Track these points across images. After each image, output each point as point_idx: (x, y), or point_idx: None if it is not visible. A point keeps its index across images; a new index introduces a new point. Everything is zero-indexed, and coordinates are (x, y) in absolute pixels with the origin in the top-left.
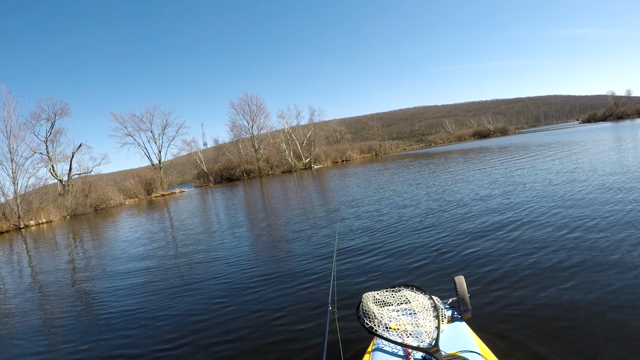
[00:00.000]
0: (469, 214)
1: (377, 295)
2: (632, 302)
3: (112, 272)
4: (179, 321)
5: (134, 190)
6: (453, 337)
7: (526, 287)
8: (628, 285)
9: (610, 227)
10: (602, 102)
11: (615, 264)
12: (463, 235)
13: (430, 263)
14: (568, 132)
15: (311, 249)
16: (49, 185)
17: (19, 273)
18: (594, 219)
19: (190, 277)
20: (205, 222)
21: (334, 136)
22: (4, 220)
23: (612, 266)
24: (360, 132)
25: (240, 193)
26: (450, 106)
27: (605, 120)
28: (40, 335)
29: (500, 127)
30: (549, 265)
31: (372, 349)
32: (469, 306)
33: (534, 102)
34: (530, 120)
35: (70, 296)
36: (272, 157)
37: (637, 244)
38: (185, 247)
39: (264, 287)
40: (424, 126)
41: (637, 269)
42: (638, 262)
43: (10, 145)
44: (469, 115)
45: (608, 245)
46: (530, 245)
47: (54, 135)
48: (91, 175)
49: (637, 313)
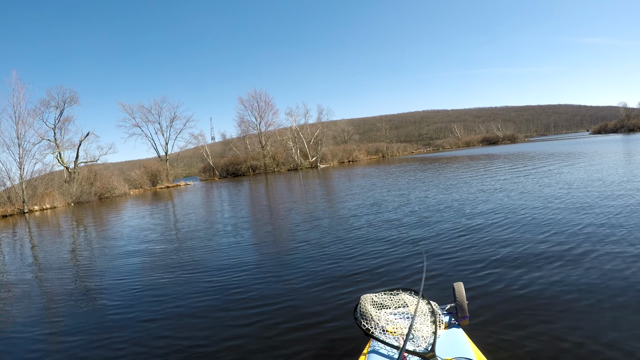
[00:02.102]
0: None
1: (375, 298)
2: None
3: (113, 258)
4: (173, 314)
5: (139, 180)
6: (449, 343)
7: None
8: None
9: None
10: (613, 113)
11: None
12: (465, 239)
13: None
14: (584, 142)
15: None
16: (54, 172)
17: (21, 257)
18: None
19: (184, 269)
20: (207, 218)
21: (341, 136)
22: (9, 204)
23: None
24: (368, 134)
25: (245, 189)
26: (459, 111)
27: (616, 132)
28: (41, 325)
29: (509, 134)
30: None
31: (368, 351)
32: (467, 313)
33: (544, 111)
34: (540, 129)
35: (71, 284)
36: (278, 154)
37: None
38: (183, 241)
39: (265, 286)
40: (432, 130)
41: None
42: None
43: (19, 131)
44: (478, 121)
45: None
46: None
47: (62, 123)
48: (97, 164)
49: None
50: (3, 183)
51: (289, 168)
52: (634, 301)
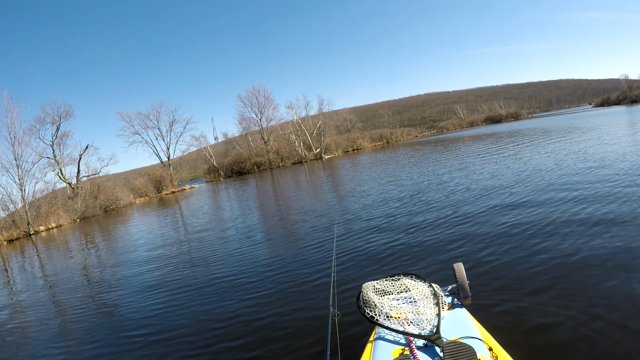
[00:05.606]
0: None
1: (377, 285)
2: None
3: (123, 273)
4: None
5: (143, 189)
6: (454, 324)
7: (531, 272)
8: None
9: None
10: (615, 85)
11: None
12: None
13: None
14: (594, 114)
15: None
16: (57, 190)
17: (32, 279)
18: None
19: (196, 279)
20: (216, 224)
21: (344, 125)
22: (14, 228)
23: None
24: (370, 120)
25: (252, 188)
26: (461, 92)
27: (618, 104)
28: (58, 343)
29: (512, 112)
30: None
31: (374, 338)
32: (469, 292)
33: (545, 87)
34: (543, 104)
35: (85, 301)
36: (282, 149)
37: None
38: (189, 248)
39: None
40: (435, 112)
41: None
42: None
43: (16, 152)
44: (480, 100)
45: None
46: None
47: (60, 139)
48: (100, 176)
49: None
50: (6, 207)
51: (293, 162)
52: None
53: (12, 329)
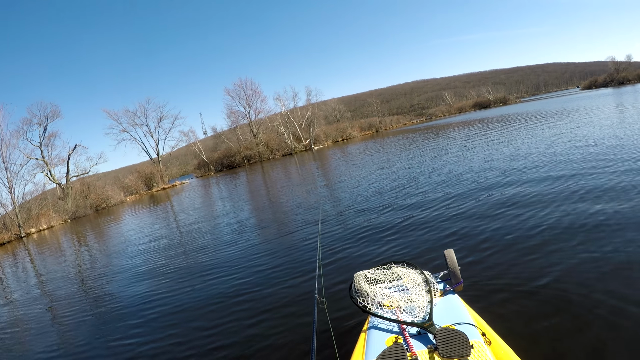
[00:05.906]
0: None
1: (369, 274)
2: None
3: (116, 271)
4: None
5: (134, 186)
6: (446, 310)
7: (521, 258)
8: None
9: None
10: (602, 68)
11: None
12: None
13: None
14: (582, 97)
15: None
16: (47, 191)
17: (25, 285)
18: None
19: (188, 272)
20: (202, 218)
21: (333, 115)
22: (5, 231)
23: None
24: (359, 110)
25: (242, 182)
26: (449, 78)
27: (606, 86)
28: (53, 344)
29: (500, 97)
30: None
31: (367, 328)
32: (460, 279)
33: (533, 71)
34: (531, 88)
35: (78, 301)
36: (271, 141)
37: None
38: (181, 245)
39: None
40: (423, 100)
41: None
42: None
43: (3, 155)
44: (468, 86)
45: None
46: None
47: (48, 139)
48: (89, 176)
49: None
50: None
51: (283, 153)
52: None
53: (3, 330)
